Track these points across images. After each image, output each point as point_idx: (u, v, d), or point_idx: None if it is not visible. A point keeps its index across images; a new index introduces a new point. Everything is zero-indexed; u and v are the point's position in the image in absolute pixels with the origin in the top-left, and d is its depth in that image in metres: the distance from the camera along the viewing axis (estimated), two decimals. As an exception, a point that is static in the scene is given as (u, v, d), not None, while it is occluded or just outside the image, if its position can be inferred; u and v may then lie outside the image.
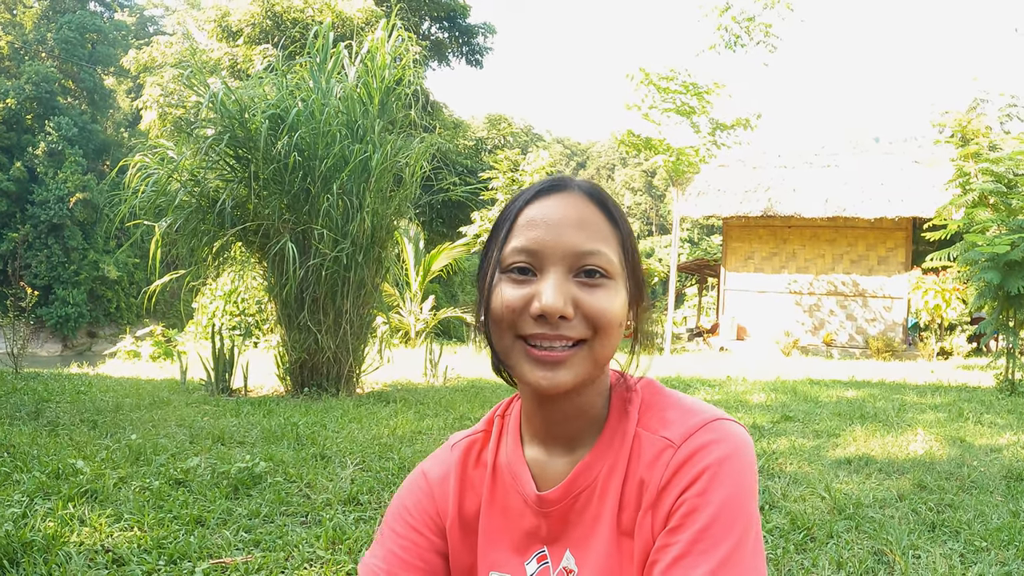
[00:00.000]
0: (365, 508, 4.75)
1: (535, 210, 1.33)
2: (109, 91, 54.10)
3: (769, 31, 19.81)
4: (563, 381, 1.28)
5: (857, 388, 11.96)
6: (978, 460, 6.59)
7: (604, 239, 1.32)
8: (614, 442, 1.39)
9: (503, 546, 1.46)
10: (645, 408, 1.41)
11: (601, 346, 1.30)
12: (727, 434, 1.30)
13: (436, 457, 1.59)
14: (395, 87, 10.53)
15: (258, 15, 34.29)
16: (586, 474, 1.38)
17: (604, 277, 1.30)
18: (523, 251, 1.30)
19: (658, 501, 1.29)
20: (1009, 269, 11.45)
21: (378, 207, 9.86)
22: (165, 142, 10.73)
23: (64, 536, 3.90)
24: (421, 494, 1.53)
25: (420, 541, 1.49)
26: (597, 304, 1.28)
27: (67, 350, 42.15)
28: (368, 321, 10.48)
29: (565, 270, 1.28)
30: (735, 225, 24.30)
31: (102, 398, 9.16)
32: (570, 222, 1.30)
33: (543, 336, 1.27)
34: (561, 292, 1.26)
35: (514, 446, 1.48)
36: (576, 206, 1.33)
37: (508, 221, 1.35)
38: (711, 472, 1.25)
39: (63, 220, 43.41)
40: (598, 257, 1.29)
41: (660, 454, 1.32)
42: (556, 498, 1.40)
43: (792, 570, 3.97)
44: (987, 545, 4.36)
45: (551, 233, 1.29)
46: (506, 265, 1.31)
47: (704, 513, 1.22)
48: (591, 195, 1.36)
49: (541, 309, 1.25)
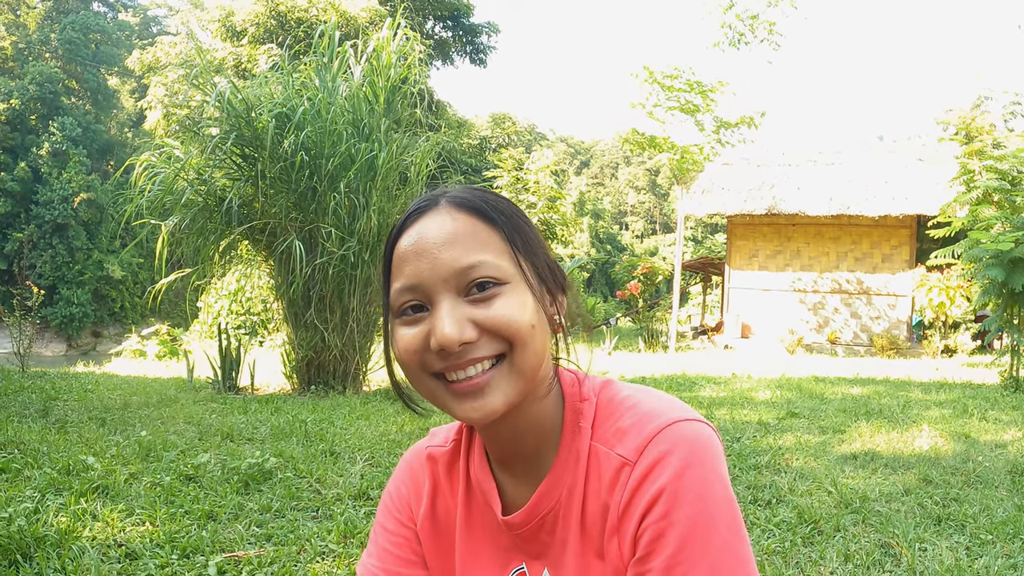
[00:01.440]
0: (375, 503, 4.77)
1: (405, 241, 1.25)
2: (113, 91, 54.16)
3: (773, 29, 19.81)
4: (494, 406, 1.21)
5: (862, 385, 11.96)
6: (983, 455, 6.60)
7: (482, 246, 1.22)
8: (569, 463, 1.31)
9: (483, 563, 1.42)
10: (600, 419, 1.31)
11: (522, 356, 1.21)
12: (681, 439, 1.20)
13: (415, 451, 1.55)
14: (400, 86, 10.55)
15: (262, 15, 34.33)
16: (547, 497, 1.32)
17: (497, 285, 1.21)
18: (406, 290, 1.22)
19: (621, 525, 1.22)
20: (1013, 266, 11.43)
21: (384, 205, 9.89)
22: (171, 141, 10.77)
23: (77, 531, 3.93)
24: (401, 485, 1.52)
25: (408, 535, 1.48)
26: (497, 314, 1.19)
27: (71, 350, 42.21)
28: (375, 319, 10.51)
29: (454, 294, 1.20)
30: (739, 223, 24.26)
31: (109, 396, 9.20)
32: (441, 242, 1.22)
33: (454, 366, 1.20)
34: (454, 319, 1.18)
35: (481, 463, 1.42)
36: (443, 222, 1.24)
37: (387, 262, 1.28)
38: (670, 491, 1.16)
39: (67, 220, 43.47)
40: (482, 268, 1.20)
41: (618, 474, 1.24)
42: (521, 522, 1.34)
43: (800, 562, 4.00)
44: (993, 538, 4.39)
45: (425, 261, 1.21)
46: (396, 309, 1.24)
47: (671, 536, 1.14)
48: (458, 204, 1.26)
49: (438, 343, 1.17)
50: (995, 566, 3.94)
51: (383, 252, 1.31)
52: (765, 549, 4.16)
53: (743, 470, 5.89)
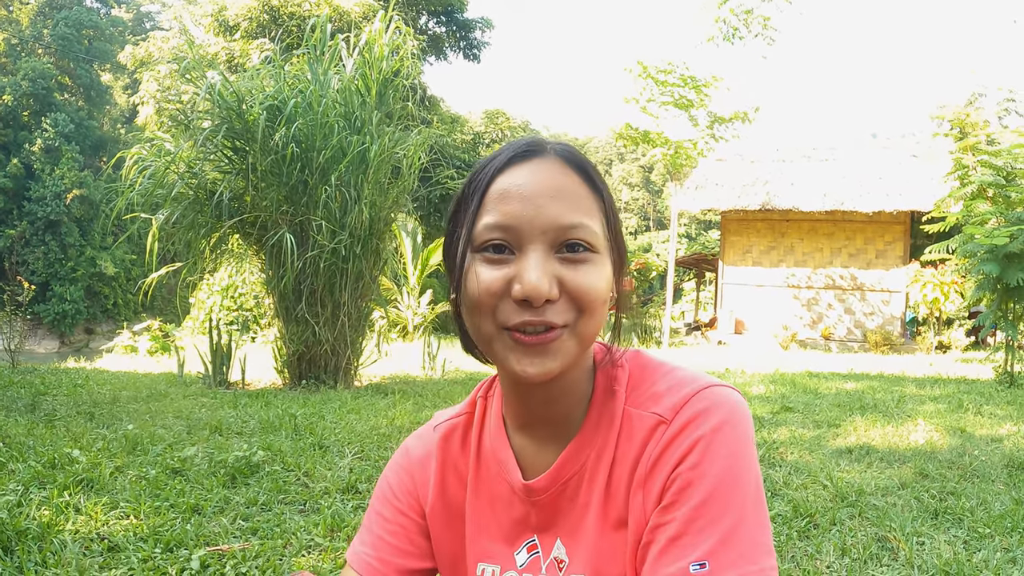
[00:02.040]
0: (364, 496, 4.73)
1: (508, 180, 1.21)
2: (106, 87, 54.02)
3: (768, 23, 19.75)
4: (552, 367, 1.18)
5: (856, 380, 11.94)
6: (979, 449, 6.57)
7: (586, 209, 1.21)
8: (601, 424, 1.30)
9: (492, 536, 1.39)
10: (633, 384, 1.31)
11: (587, 327, 1.20)
12: (720, 400, 1.21)
13: (420, 436, 1.52)
14: (392, 79, 10.50)
15: (255, 9, 34.26)
16: (573, 460, 1.30)
17: (589, 251, 1.19)
18: (498, 227, 1.18)
19: (650, 477, 1.21)
20: (1008, 261, 11.41)
21: (376, 199, 9.84)
22: (162, 134, 10.71)
23: (59, 524, 3.87)
24: (404, 474, 1.48)
25: (408, 524, 1.44)
26: (584, 282, 1.18)
27: (64, 347, 42.11)
28: (366, 314, 10.47)
29: (546, 247, 1.18)
30: (733, 219, 24.28)
31: (99, 391, 9.13)
32: (548, 192, 1.19)
33: (528, 323, 1.16)
34: (544, 272, 1.15)
35: (498, 431, 1.40)
36: (553, 173, 1.21)
37: (478, 193, 1.23)
38: (705, 442, 1.16)
39: (60, 217, 43.36)
40: (581, 230, 1.18)
41: (652, 432, 1.23)
42: (543, 486, 1.32)
43: (796, 556, 3.95)
44: (991, 532, 4.35)
45: (528, 206, 1.18)
46: (479, 244, 1.20)
47: (699, 487, 1.14)
48: (569, 160, 1.24)
49: (524, 293, 1.14)
50: (994, 560, 3.90)
51: (469, 183, 1.27)
52: (760, 542, 4.11)
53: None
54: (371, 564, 1.40)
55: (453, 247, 1.26)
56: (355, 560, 1.41)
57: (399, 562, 1.41)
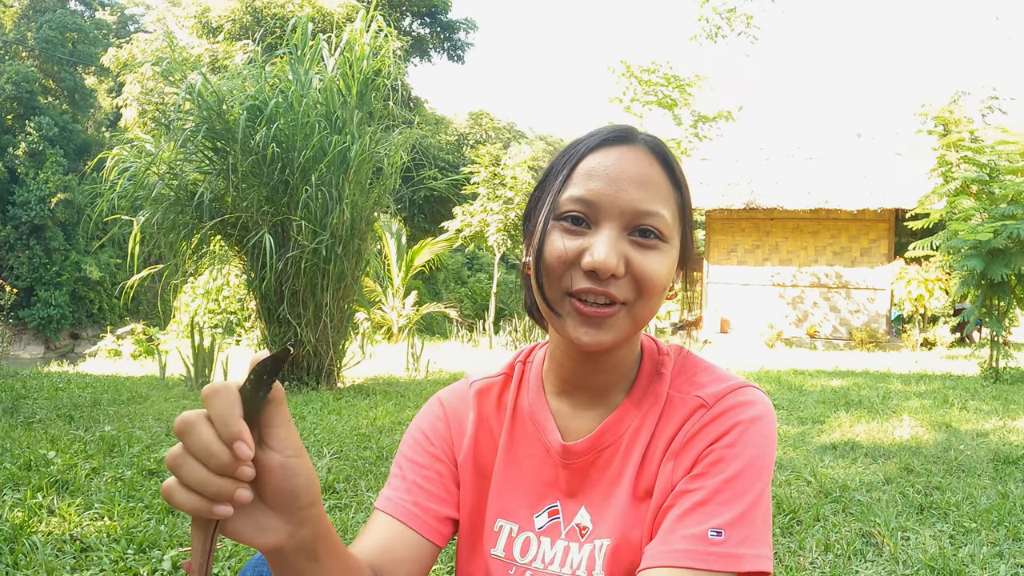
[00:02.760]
0: (342, 496, 4.69)
1: (597, 160, 1.29)
2: (90, 90, 53.81)
3: (750, 22, 19.81)
4: (604, 339, 1.26)
5: (841, 377, 11.96)
6: (964, 444, 6.57)
7: (664, 200, 1.29)
8: (645, 401, 1.38)
9: (516, 494, 1.43)
10: (678, 372, 1.41)
11: (643, 308, 1.29)
12: (759, 399, 1.31)
13: (454, 391, 1.56)
14: (374, 78, 10.45)
15: (238, 11, 34.22)
16: (615, 428, 1.38)
17: (658, 239, 1.28)
18: (580, 200, 1.26)
19: (684, 449, 1.30)
20: (992, 257, 11.45)
21: (357, 198, 9.78)
22: (143, 135, 10.65)
23: (32, 526, 3.82)
24: (439, 422, 1.51)
25: (443, 471, 1.47)
26: (648, 267, 1.26)
27: (50, 352, 41.88)
28: (349, 315, 10.41)
29: (621, 227, 1.26)
30: (717, 218, 24.27)
31: (80, 394, 9.05)
32: (632, 178, 1.27)
33: (590, 291, 1.24)
34: (615, 249, 1.23)
35: (537, 393, 1.46)
36: (640, 162, 1.29)
37: (569, 166, 1.31)
38: (742, 427, 1.26)
39: (44, 221, 43.11)
40: (655, 218, 1.27)
41: (692, 412, 1.33)
42: (582, 450, 1.38)
43: (779, 553, 3.92)
44: (976, 526, 4.33)
45: (612, 186, 1.26)
46: (561, 212, 1.28)
47: (731, 465, 1.23)
48: (656, 152, 1.33)
49: (593, 264, 1.22)
50: (980, 554, 3.88)
51: (562, 155, 1.35)
52: (743, 539, 4.08)
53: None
54: (408, 509, 1.41)
55: (536, 212, 1.34)
56: (390, 506, 1.41)
57: (437, 509, 1.43)
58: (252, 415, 0.97)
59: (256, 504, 1.02)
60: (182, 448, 0.94)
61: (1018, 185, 11.79)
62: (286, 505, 1.02)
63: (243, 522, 1.01)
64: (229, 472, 0.93)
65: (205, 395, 0.95)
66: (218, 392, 0.95)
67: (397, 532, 1.37)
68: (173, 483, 0.94)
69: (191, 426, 0.93)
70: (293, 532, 1.04)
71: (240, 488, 0.95)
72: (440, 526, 1.42)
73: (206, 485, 0.93)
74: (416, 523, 1.39)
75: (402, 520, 1.38)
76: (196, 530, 0.97)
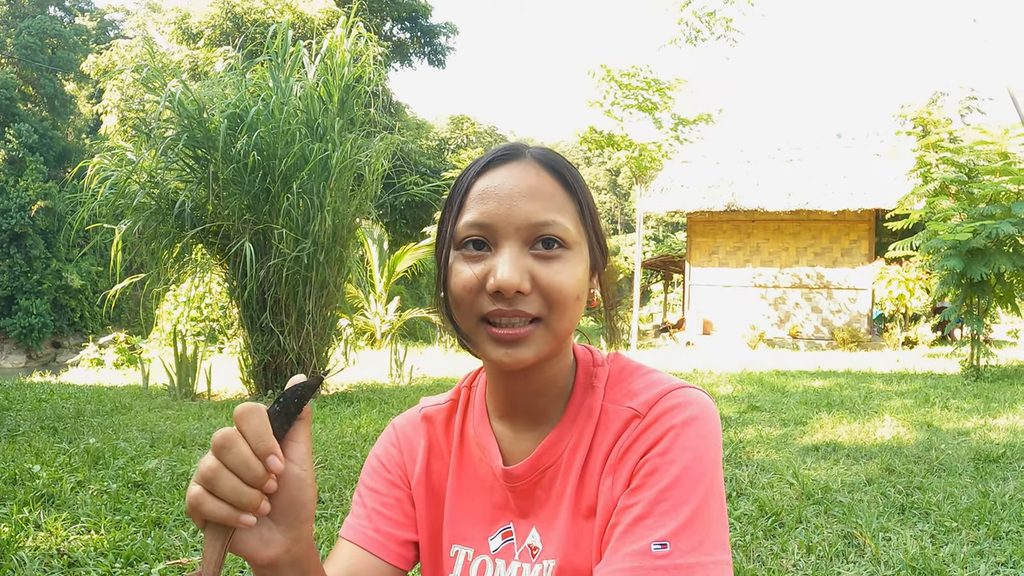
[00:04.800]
0: (327, 506, 4.70)
1: (486, 181, 1.28)
2: (70, 97, 53.52)
3: (730, 25, 19.84)
4: (526, 357, 1.24)
5: (824, 378, 12.01)
6: (946, 443, 6.61)
7: (559, 208, 1.27)
8: (579, 417, 1.36)
9: (469, 519, 1.43)
10: (612, 382, 1.38)
11: (559, 321, 1.26)
12: (692, 399, 1.27)
13: (407, 417, 1.56)
14: (354, 85, 10.45)
15: (218, 16, 34.15)
16: (553, 449, 1.36)
17: (562, 247, 1.25)
18: (476, 225, 1.25)
19: (621, 462, 1.27)
20: (971, 256, 11.52)
21: (339, 206, 9.78)
22: (124, 143, 10.61)
23: (20, 541, 3.82)
24: (393, 448, 1.52)
25: (401, 496, 1.48)
26: (555, 278, 1.24)
27: (32, 361, 41.67)
28: (332, 322, 10.40)
29: (521, 243, 1.24)
30: (699, 220, 24.35)
31: (63, 405, 9.03)
32: (522, 192, 1.26)
33: (501, 313, 1.22)
34: (517, 267, 1.22)
35: (481, 418, 1.45)
36: (528, 175, 1.28)
37: (460, 194, 1.30)
38: (674, 433, 1.22)
39: (25, 229, 42.87)
40: (553, 227, 1.24)
41: (627, 424, 1.30)
42: (522, 473, 1.37)
43: (762, 556, 3.95)
44: (957, 525, 4.37)
45: (503, 205, 1.25)
46: (459, 240, 1.27)
47: (668, 472, 1.19)
48: (544, 163, 1.31)
49: (497, 285, 1.20)
50: (961, 553, 3.91)
51: (454, 185, 1.34)
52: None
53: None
54: (370, 536, 1.42)
55: (440, 244, 1.32)
56: (353, 534, 1.42)
57: (397, 533, 1.44)
58: (277, 433, 1.05)
59: (262, 518, 1.07)
60: (216, 461, 1.01)
61: (996, 185, 11.87)
62: (291, 517, 1.08)
63: (250, 534, 1.07)
64: (261, 484, 1.02)
65: (238, 414, 1.02)
66: (252, 411, 1.02)
67: (360, 558, 1.40)
68: (201, 493, 1.01)
69: (231, 440, 1.01)
70: (290, 546, 1.09)
71: (264, 499, 1.03)
72: (402, 550, 1.45)
73: (240, 495, 1.00)
74: (378, 548, 1.41)
75: (364, 547, 1.41)
76: (212, 539, 1.03)
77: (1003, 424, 7.60)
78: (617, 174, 77.76)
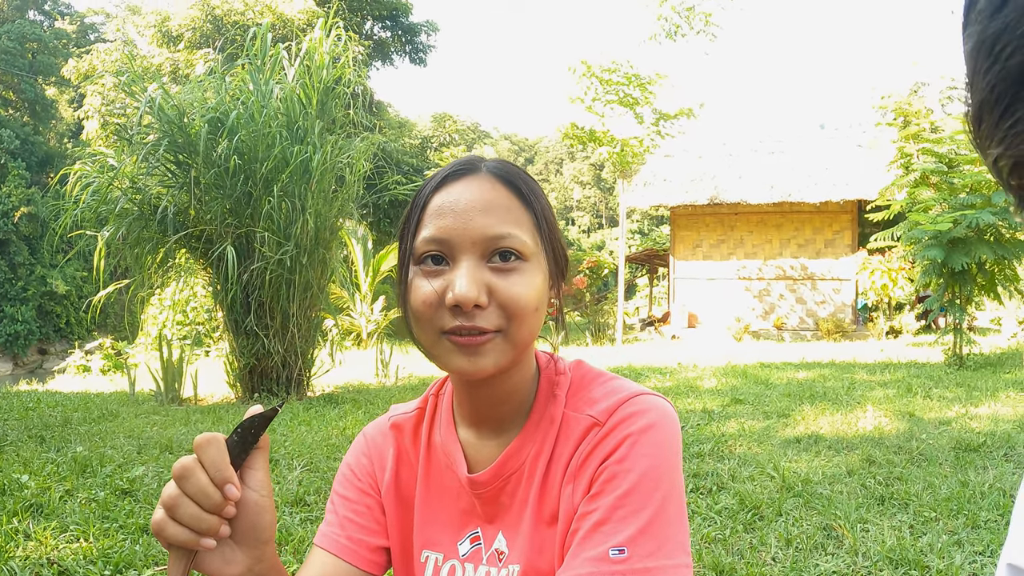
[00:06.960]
0: (312, 509, 4.73)
1: (442, 197, 1.31)
2: (51, 101, 53.30)
3: (709, 20, 19.91)
4: (486, 365, 1.27)
5: (808, 369, 12.06)
6: (927, 433, 6.66)
7: (515, 220, 1.30)
8: (541, 425, 1.38)
9: (439, 525, 1.46)
10: (573, 390, 1.40)
11: (518, 332, 1.28)
12: (651, 407, 1.29)
13: (377, 425, 1.59)
14: (334, 87, 10.46)
15: (198, 19, 34.07)
16: (516, 457, 1.38)
17: (519, 259, 1.28)
18: (433, 240, 1.27)
19: (580, 470, 1.30)
20: (953, 246, 11.59)
21: (321, 208, 9.79)
22: (105, 149, 10.61)
23: (9, 551, 3.84)
24: (363, 456, 1.54)
25: (371, 504, 1.50)
26: (513, 290, 1.26)
27: (18, 368, 41.51)
28: (317, 324, 10.42)
29: (478, 256, 1.27)
30: (682, 214, 24.40)
31: (50, 413, 9.02)
32: (477, 206, 1.28)
33: (461, 328, 1.25)
34: (474, 280, 1.24)
35: (447, 426, 1.48)
36: (482, 189, 1.30)
37: (418, 210, 1.33)
38: (632, 440, 1.25)
39: (8, 235, 42.69)
40: (509, 239, 1.27)
41: (587, 432, 1.32)
42: (486, 480, 1.39)
43: (741, 549, 3.99)
44: (936, 515, 4.42)
45: (459, 219, 1.27)
46: (418, 256, 1.29)
47: (626, 479, 1.22)
48: (500, 176, 1.33)
49: (455, 299, 1.23)
50: (938, 543, 3.96)
51: (412, 202, 1.37)
52: (705, 537, 4.16)
53: (685, 459, 5.89)
54: (342, 543, 1.45)
55: (400, 262, 1.35)
56: (325, 541, 1.45)
57: (369, 540, 1.47)
58: (235, 462, 1.13)
59: (224, 539, 1.14)
60: (177, 489, 1.09)
61: (976, 175, 11.95)
62: (251, 539, 1.16)
63: (212, 555, 1.14)
64: (219, 511, 1.09)
65: (197, 444, 1.10)
66: (210, 442, 1.10)
67: (333, 566, 1.43)
68: (164, 519, 1.09)
69: (189, 471, 1.09)
70: (252, 565, 1.16)
71: (223, 524, 1.11)
72: (373, 556, 1.47)
73: (199, 522, 1.08)
74: (350, 555, 1.44)
75: (337, 554, 1.44)
76: (176, 560, 1.11)
77: (984, 413, 7.66)
78: (601, 168, 77.81)
